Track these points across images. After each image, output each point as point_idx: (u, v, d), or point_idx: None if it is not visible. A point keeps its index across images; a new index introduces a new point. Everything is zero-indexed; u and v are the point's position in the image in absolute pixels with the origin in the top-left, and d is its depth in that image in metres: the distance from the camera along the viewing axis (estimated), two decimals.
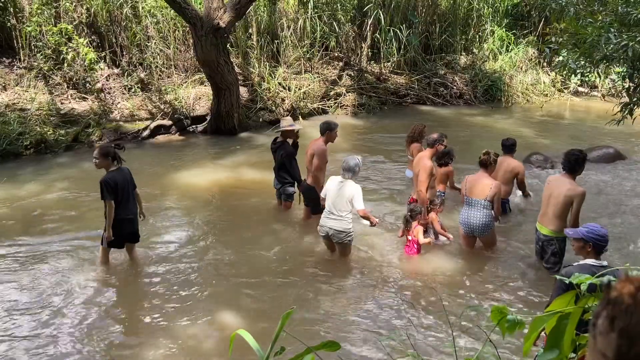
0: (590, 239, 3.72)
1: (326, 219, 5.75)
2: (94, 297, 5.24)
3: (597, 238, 3.73)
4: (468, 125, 11.86)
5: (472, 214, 5.85)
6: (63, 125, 10.05)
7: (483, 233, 5.90)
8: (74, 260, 5.88)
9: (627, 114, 6.31)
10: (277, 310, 4.94)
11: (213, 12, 9.98)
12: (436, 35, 14.41)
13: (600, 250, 3.76)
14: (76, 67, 10.82)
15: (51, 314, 4.95)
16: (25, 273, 5.59)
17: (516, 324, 1.41)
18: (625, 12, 5.82)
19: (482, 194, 5.75)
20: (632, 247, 6.41)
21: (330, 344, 1.41)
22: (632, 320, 0.65)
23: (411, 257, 5.98)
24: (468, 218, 5.90)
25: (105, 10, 11.51)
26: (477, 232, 5.93)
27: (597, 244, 3.73)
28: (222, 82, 10.46)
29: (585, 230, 3.78)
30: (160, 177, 8.46)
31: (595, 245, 3.73)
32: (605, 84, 14.88)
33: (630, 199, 7.85)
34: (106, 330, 4.77)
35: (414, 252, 5.98)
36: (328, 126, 6.46)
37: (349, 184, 5.65)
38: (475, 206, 5.81)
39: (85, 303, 5.15)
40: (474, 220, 5.85)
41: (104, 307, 5.10)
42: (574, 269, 3.58)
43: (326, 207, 5.79)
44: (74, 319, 4.91)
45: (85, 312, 5.02)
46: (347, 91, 13.02)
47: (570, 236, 3.91)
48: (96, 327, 4.81)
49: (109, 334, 4.72)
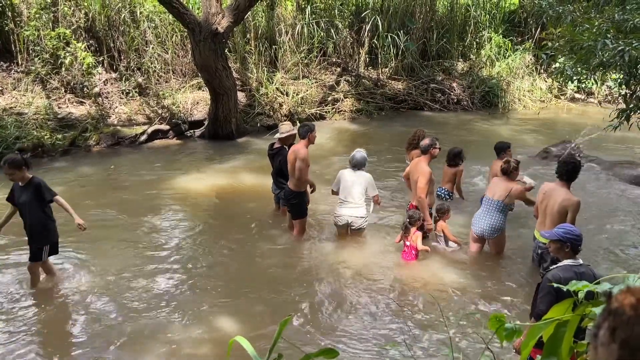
0: (568, 239, 3.79)
1: (344, 208, 6.25)
2: (87, 302, 5.22)
3: (574, 238, 3.81)
4: (466, 130, 11.89)
5: (486, 215, 5.93)
6: (60, 130, 10.03)
7: (492, 235, 5.96)
8: (63, 267, 5.86)
9: (623, 120, 6.34)
10: (275, 317, 4.93)
11: (211, 17, 10.00)
12: (434, 41, 14.46)
13: (576, 250, 3.82)
14: (74, 71, 10.82)
15: (35, 318, 4.93)
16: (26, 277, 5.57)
17: (514, 332, 1.41)
18: (622, 19, 5.85)
19: (502, 195, 5.82)
20: (618, 250, 6.46)
21: (328, 351, 1.40)
22: (634, 332, 0.65)
23: (409, 263, 5.97)
24: (481, 218, 5.98)
25: (104, 15, 11.52)
26: (487, 234, 5.97)
27: (574, 243, 3.79)
28: (220, 87, 10.47)
29: (562, 231, 3.84)
30: (158, 182, 8.44)
31: (572, 245, 3.79)
32: (601, 91, 14.94)
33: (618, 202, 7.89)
34: (101, 335, 4.74)
35: (411, 258, 5.97)
36: (308, 128, 6.35)
37: (362, 174, 6.27)
38: (491, 207, 5.89)
39: (79, 308, 5.13)
40: (486, 222, 5.92)
41: (98, 313, 5.08)
42: (559, 272, 3.65)
43: (341, 198, 6.26)
44: (66, 324, 4.89)
45: (77, 317, 5.01)
46: (345, 97, 13.05)
47: (547, 238, 3.97)
48: (91, 332, 4.78)
49: (103, 339, 4.69)
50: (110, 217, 7.13)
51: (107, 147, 10.14)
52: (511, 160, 5.96)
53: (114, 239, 6.54)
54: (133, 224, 6.95)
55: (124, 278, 5.66)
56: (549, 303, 3.55)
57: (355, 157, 6.29)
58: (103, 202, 7.65)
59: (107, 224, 6.92)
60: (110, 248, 6.30)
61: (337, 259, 6.08)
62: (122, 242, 6.45)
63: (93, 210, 7.29)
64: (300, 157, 6.16)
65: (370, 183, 6.27)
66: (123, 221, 7.03)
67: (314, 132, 6.38)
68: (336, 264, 5.96)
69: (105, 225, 6.87)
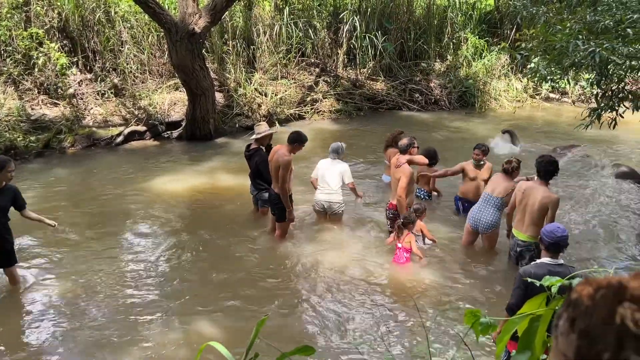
0: (542, 238, 3.89)
1: (321, 194, 6.67)
2: (58, 309, 5.13)
3: (549, 237, 3.87)
4: (445, 130, 12.01)
5: (483, 210, 6.04)
6: (34, 132, 9.83)
7: (486, 230, 6.08)
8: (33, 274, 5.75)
9: (595, 119, 6.48)
10: (253, 317, 4.91)
11: (188, 17, 9.91)
12: (411, 42, 14.57)
13: (555, 250, 3.88)
14: (47, 72, 10.61)
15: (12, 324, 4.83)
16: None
17: (489, 327, 1.43)
18: (593, 20, 5.98)
19: (502, 192, 5.93)
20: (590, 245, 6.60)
21: (305, 348, 1.40)
22: (592, 321, 0.66)
23: (397, 264, 5.91)
24: (477, 213, 6.08)
25: (78, 15, 11.33)
26: (482, 228, 6.08)
27: (550, 242, 3.85)
28: (197, 87, 10.39)
29: (543, 230, 3.92)
30: (135, 184, 8.33)
31: (548, 244, 3.86)
32: (575, 90, 15.24)
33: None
34: (79, 338, 4.66)
35: (403, 260, 5.90)
36: (299, 138, 6.20)
37: (338, 162, 6.68)
38: (489, 203, 6.00)
39: (50, 315, 5.04)
40: (482, 217, 6.04)
41: (75, 316, 4.99)
42: (531, 268, 3.73)
43: (319, 184, 6.69)
44: (37, 332, 4.80)
45: (57, 320, 4.91)
46: (324, 97, 13.06)
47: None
48: (69, 336, 4.70)
49: (80, 342, 4.61)
50: (85, 221, 7.01)
51: (82, 149, 9.97)
52: (513, 160, 6.09)
53: (87, 243, 6.42)
54: (108, 228, 6.84)
55: (97, 283, 5.56)
56: (517, 297, 3.65)
57: (332, 146, 6.79)
58: (77, 205, 7.53)
59: (81, 228, 6.80)
60: (84, 253, 6.18)
61: (316, 258, 6.08)
62: (96, 247, 6.34)
63: (67, 214, 7.17)
64: (284, 165, 6.00)
65: (346, 171, 6.65)
66: (98, 225, 6.92)
67: (302, 144, 6.24)
68: (315, 264, 5.96)
69: (80, 229, 6.75)
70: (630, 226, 7.23)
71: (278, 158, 6.07)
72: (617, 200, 7.97)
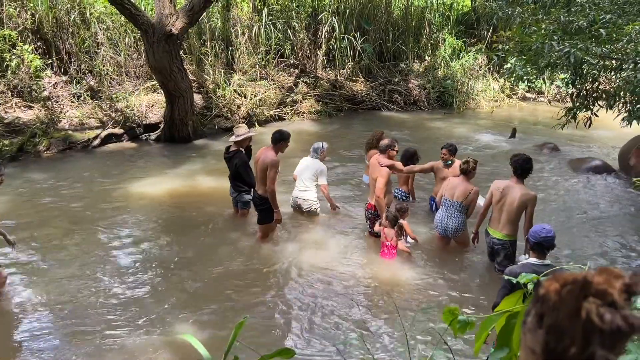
0: (528, 238, 3.91)
1: (296, 191, 6.93)
2: (39, 313, 5.03)
3: (535, 237, 3.90)
4: (424, 130, 12.09)
5: (447, 216, 6.03)
6: (7, 135, 9.62)
7: (455, 235, 6.09)
8: (11, 280, 5.63)
9: (571, 118, 6.60)
10: (234, 319, 4.87)
11: (165, 18, 9.81)
12: (390, 43, 14.66)
13: (542, 250, 3.90)
14: (21, 74, 10.40)
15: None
16: None
17: (467, 324, 1.43)
18: (567, 21, 6.09)
19: (461, 196, 5.91)
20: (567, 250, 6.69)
21: (284, 351, 1.39)
22: (559, 317, 0.67)
23: (385, 258, 6.01)
24: (443, 220, 6.08)
25: (52, 16, 11.13)
26: (451, 233, 6.09)
27: (534, 243, 3.88)
28: (175, 89, 10.28)
29: (531, 230, 3.96)
30: (112, 187, 8.21)
31: (532, 244, 3.89)
32: (551, 90, 15.50)
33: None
34: (58, 346, 4.57)
35: (392, 256, 6.00)
36: (282, 136, 6.16)
37: (316, 162, 6.86)
38: (451, 208, 5.98)
39: (32, 318, 4.94)
40: (448, 223, 6.04)
41: (58, 322, 4.90)
42: (517, 269, 3.73)
43: (297, 181, 6.90)
44: (17, 336, 4.69)
45: (40, 325, 4.81)
46: (304, 98, 13.05)
47: None
48: (50, 343, 4.61)
49: (60, 348, 4.52)
50: (62, 225, 6.89)
51: (58, 153, 9.79)
52: (470, 160, 6.02)
53: (66, 248, 6.31)
54: (86, 232, 6.73)
55: (76, 288, 5.47)
56: (502, 296, 3.66)
57: (313, 145, 7.02)
58: (54, 209, 7.39)
59: (59, 232, 6.68)
60: (63, 257, 6.07)
61: (297, 260, 6.06)
62: (74, 251, 6.23)
63: (43, 218, 7.04)
64: (273, 166, 5.93)
65: (322, 171, 6.80)
66: (75, 229, 6.80)
67: (286, 141, 6.18)
68: (296, 266, 5.95)
69: (57, 234, 6.63)
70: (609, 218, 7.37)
71: (265, 159, 6.02)
72: (593, 194, 8.14)
